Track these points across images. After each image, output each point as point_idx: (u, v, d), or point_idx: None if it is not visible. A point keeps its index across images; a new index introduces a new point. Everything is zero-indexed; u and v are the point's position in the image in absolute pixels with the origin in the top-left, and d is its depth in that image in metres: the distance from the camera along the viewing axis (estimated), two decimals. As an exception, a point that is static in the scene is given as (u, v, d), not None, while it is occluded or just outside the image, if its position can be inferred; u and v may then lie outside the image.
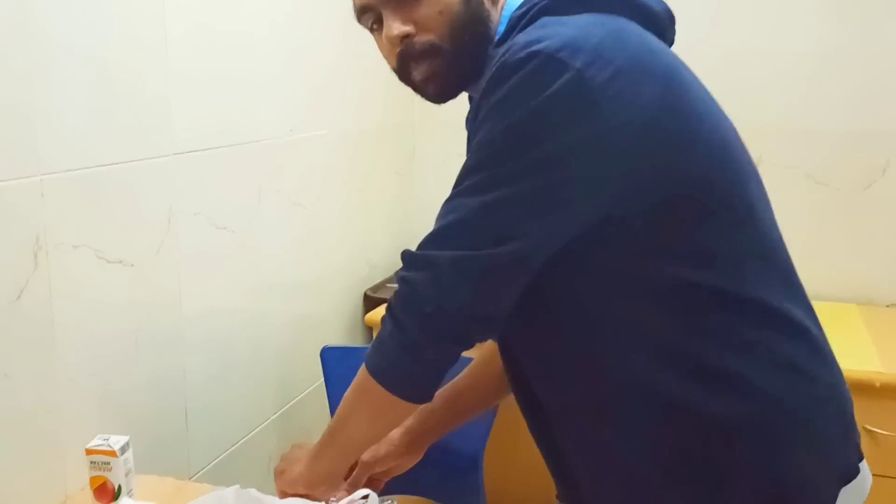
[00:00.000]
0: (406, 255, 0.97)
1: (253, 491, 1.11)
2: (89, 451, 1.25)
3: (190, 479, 1.69)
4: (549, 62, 0.88)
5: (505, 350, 1.11)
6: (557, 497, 1.18)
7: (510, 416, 1.29)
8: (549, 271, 0.94)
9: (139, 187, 1.49)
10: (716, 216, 0.94)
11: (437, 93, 1.06)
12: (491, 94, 0.92)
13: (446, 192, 0.96)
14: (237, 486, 1.14)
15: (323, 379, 1.97)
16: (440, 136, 2.65)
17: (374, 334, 2.45)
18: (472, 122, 0.99)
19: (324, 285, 2.21)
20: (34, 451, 1.31)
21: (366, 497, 1.02)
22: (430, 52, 1.01)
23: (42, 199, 1.28)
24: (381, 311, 2.35)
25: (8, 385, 1.25)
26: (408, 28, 1.01)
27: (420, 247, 0.96)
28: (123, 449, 1.26)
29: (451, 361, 0.99)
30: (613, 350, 0.95)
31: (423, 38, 1.01)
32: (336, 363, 1.96)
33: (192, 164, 1.62)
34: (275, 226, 1.93)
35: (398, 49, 1.03)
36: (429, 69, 1.02)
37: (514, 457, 1.93)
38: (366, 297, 2.40)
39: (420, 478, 1.94)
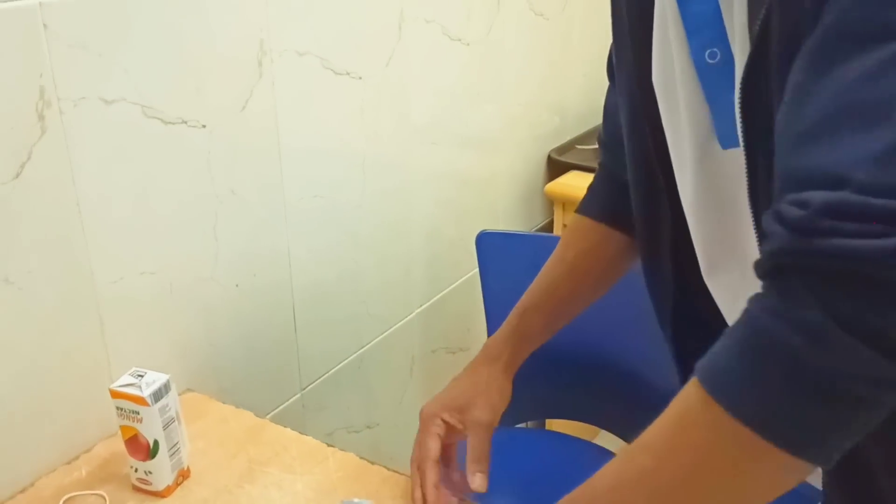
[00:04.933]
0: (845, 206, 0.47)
1: None
2: (115, 394, 0.91)
3: (301, 390, 1.35)
4: None
5: None
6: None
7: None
8: None
9: (211, 9, 1.06)
10: None
11: None
12: None
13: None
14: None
15: (478, 268, 1.53)
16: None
17: (557, 210, 1.99)
18: None
19: (494, 140, 1.73)
20: (69, 385, 1.00)
21: None
22: None
23: (45, 32, 0.88)
24: (567, 180, 1.85)
25: (13, 292, 0.92)
26: None
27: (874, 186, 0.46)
28: (159, 394, 0.91)
29: None
30: None
31: None
32: (495, 253, 1.50)
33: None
34: (425, 66, 1.45)
35: None
36: None
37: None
38: (549, 159, 1.90)
39: (600, 414, 1.53)
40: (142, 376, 0.92)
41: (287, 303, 1.29)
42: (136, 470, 0.94)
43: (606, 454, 1.44)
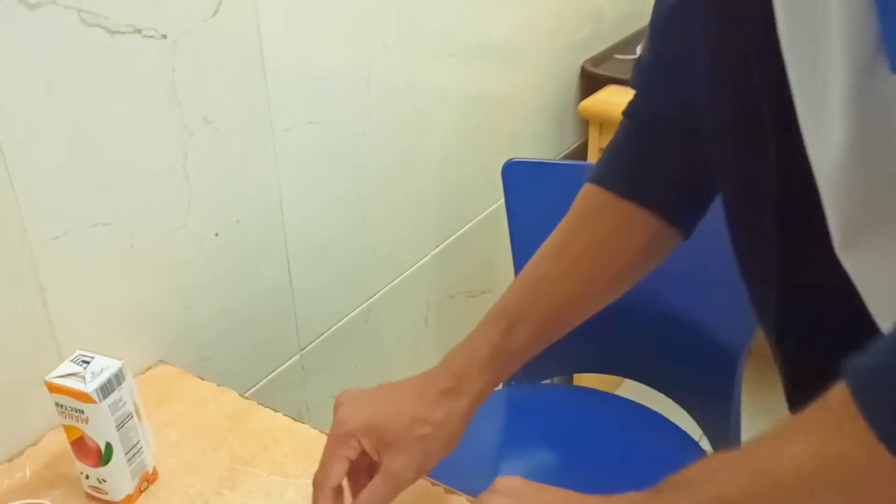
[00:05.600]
0: None
1: None
2: (52, 388, 0.72)
3: (300, 351, 1.16)
4: None
5: None
6: None
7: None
8: None
9: None
10: None
11: None
12: None
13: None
14: None
15: (503, 200, 1.31)
16: None
17: (592, 130, 1.75)
18: None
19: (519, 50, 1.48)
20: (7, 367, 0.80)
21: None
22: None
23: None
24: (604, 96, 1.61)
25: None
26: None
27: None
28: (108, 387, 0.71)
29: None
30: None
31: None
32: (524, 184, 1.29)
33: None
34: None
35: None
36: None
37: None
38: (583, 72, 1.65)
39: (628, 365, 1.36)
40: (87, 362, 0.72)
41: (279, 251, 1.08)
42: (87, 476, 0.76)
43: (635, 408, 1.32)
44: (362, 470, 0.69)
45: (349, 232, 1.19)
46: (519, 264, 1.33)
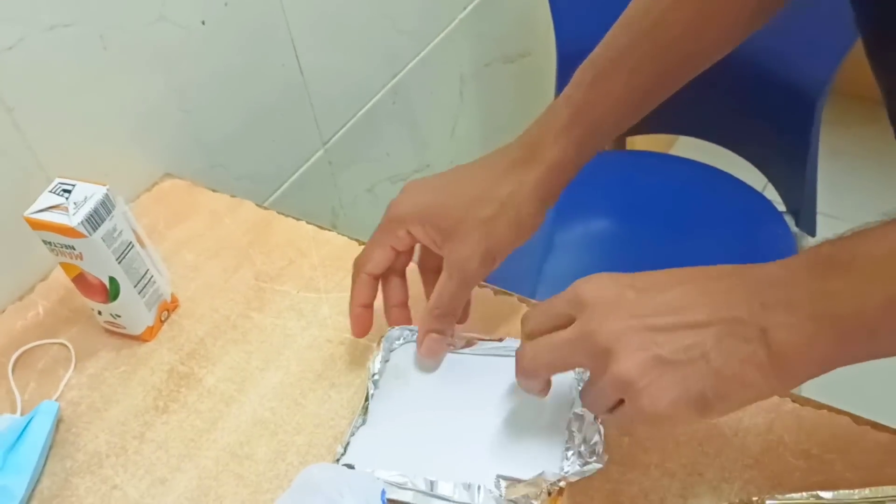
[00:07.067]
0: None
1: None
2: (34, 224, 0.63)
3: (324, 145, 1.05)
4: None
5: None
6: None
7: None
8: None
9: None
10: None
11: None
12: None
13: None
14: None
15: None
16: None
17: None
18: None
19: None
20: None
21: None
22: None
23: None
24: None
25: None
26: None
27: None
28: (97, 217, 0.62)
29: None
30: None
31: None
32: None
33: None
34: None
35: None
36: None
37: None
38: None
39: (714, 124, 1.22)
40: (69, 191, 0.63)
41: (281, 33, 0.94)
42: (99, 313, 0.69)
43: (697, 167, 1.22)
44: (433, 270, 0.61)
45: (361, 1, 1.03)
46: (559, 18, 1.17)
